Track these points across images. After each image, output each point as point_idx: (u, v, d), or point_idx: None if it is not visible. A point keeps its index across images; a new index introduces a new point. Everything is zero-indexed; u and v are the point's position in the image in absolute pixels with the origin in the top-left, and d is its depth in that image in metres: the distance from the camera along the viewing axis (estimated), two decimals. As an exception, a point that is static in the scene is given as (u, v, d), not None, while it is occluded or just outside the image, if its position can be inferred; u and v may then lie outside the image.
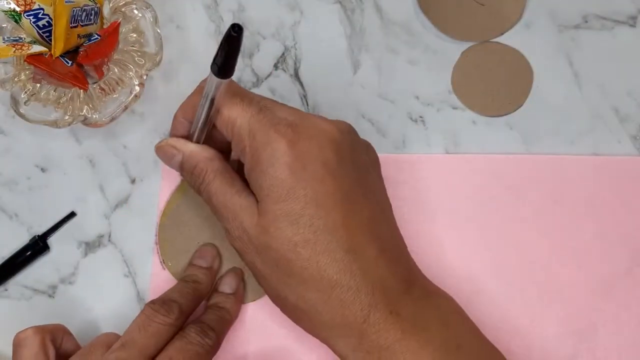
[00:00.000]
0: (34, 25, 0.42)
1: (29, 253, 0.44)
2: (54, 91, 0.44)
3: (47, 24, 0.42)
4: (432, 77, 0.46)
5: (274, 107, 0.37)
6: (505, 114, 0.45)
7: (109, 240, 0.45)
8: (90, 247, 0.45)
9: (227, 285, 0.42)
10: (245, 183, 0.37)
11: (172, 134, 0.41)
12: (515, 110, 0.45)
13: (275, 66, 0.47)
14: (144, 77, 0.44)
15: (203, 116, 0.38)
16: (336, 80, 0.46)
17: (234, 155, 0.39)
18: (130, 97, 0.44)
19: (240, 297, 0.42)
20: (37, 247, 0.45)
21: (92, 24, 0.44)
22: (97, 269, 0.45)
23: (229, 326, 0.41)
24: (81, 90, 0.43)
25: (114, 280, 0.44)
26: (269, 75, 0.47)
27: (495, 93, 0.45)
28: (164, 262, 0.44)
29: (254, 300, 0.43)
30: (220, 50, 0.33)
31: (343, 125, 0.38)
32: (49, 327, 0.39)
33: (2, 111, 0.47)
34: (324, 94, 0.46)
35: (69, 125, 0.43)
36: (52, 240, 0.45)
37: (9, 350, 0.44)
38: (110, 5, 0.45)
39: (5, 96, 0.45)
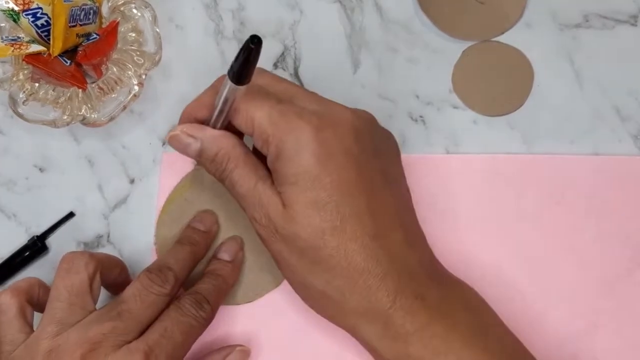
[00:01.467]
0: (32, 24, 0.42)
1: (27, 253, 0.44)
2: (53, 91, 0.43)
3: (45, 23, 0.42)
4: (432, 76, 0.46)
5: (295, 97, 0.37)
6: (506, 114, 0.45)
7: (108, 241, 0.45)
8: (89, 247, 0.45)
9: (226, 253, 0.42)
10: (268, 171, 0.37)
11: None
12: (516, 110, 0.45)
13: (275, 65, 0.47)
14: (143, 77, 0.44)
15: (217, 112, 0.37)
16: (336, 80, 0.46)
17: (255, 147, 0.38)
18: (129, 97, 0.44)
19: (238, 265, 0.42)
20: (36, 247, 0.44)
21: (90, 23, 0.43)
22: (96, 269, 0.45)
23: (225, 295, 0.41)
24: (80, 90, 0.43)
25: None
26: (268, 75, 0.47)
27: (496, 92, 0.45)
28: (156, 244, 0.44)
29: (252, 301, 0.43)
30: (237, 59, 0.33)
31: (364, 114, 0.38)
32: (23, 286, 0.38)
33: (1, 111, 0.47)
34: (324, 93, 0.46)
35: (68, 125, 0.43)
36: (50, 241, 0.45)
37: (7, 351, 0.44)
38: (109, 4, 0.44)
39: (3, 96, 0.45)
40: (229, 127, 0.38)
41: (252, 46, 0.32)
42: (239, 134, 0.39)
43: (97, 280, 0.38)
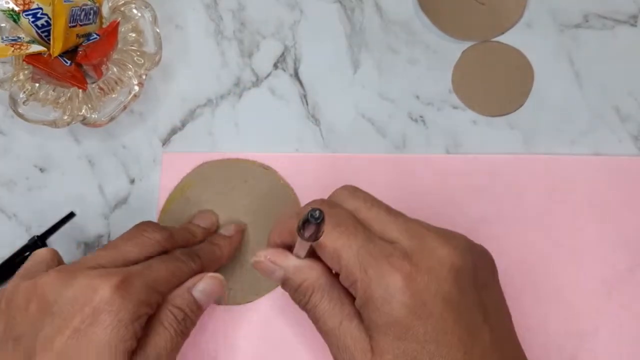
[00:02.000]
0: (32, 24, 0.42)
1: (28, 254, 0.44)
2: (53, 91, 0.43)
3: (45, 24, 0.42)
4: (432, 76, 0.46)
5: (384, 227, 0.34)
6: (506, 114, 0.45)
7: (109, 241, 0.45)
8: (89, 247, 0.45)
9: (226, 230, 0.42)
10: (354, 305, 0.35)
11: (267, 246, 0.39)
12: (515, 110, 0.45)
13: (275, 66, 0.47)
14: (143, 77, 0.44)
15: (298, 242, 0.35)
16: (336, 80, 0.46)
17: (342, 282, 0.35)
18: (130, 97, 0.44)
19: (235, 244, 0.42)
20: (37, 247, 0.44)
21: (91, 23, 0.43)
22: (96, 269, 0.45)
23: (217, 264, 0.40)
24: (80, 90, 0.43)
25: (114, 281, 0.44)
26: (268, 75, 0.47)
27: (496, 93, 0.45)
28: None
29: (252, 301, 0.43)
30: (301, 227, 0.31)
31: (461, 243, 0.35)
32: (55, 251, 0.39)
33: (1, 111, 0.47)
34: (324, 94, 0.46)
35: (68, 125, 0.43)
36: (51, 241, 0.45)
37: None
38: (109, 4, 0.44)
39: (3, 96, 0.45)
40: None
41: (312, 220, 0.30)
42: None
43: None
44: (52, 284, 0.34)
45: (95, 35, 0.43)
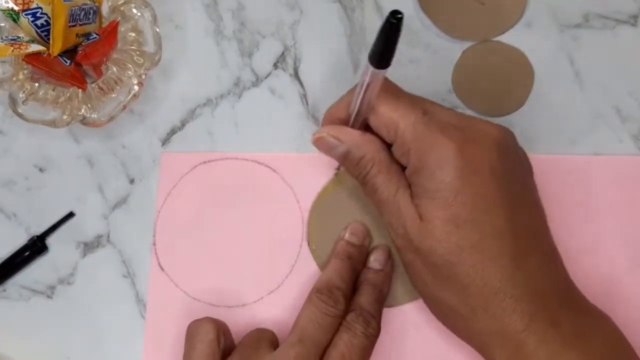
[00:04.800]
0: (32, 24, 0.42)
1: (27, 253, 0.44)
2: (53, 91, 0.43)
3: (45, 23, 0.42)
4: (432, 76, 0.46)
5: (437, 110, 0.37)
6: (506, 114, 0.45)
7: (108, 241, 0.45)
8: (89, 247, 0.45)
9: (377, 262, 0.42)
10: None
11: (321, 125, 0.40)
12: (516, 110, 0.45)
13: (275, 65, 0.47)
14: (143, 77, 0.44)
15: (356, 109, 0.37)
16: (336, 80, 0.46)
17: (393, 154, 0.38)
18: (129, 97, 0.44)
19: (389, 274, 0.42)
20: (36, 247, 0.44)
21: (90, 23, 0.43)
22: (95, 269, 0.45)
23: (383, 305, 0.41)
24: (80, 90, 0.43)
25: (113, 281, 0.44)
26: (268, 75, 0.47)
27: (496, 92, 0.45)
28: (309, 244, 0.43)
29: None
30: (378, 39, 0.31)
31: (507, 131, 0.38)
32: (217, 320, 0.39)
33: (0, 111, 0.47)
34: (324, 94, 0.46)
35: (68, 125, 0.43)
36: (50, 241, 0.45)
37: (8, 351, 0.44)
38: (109, 4, 0.44)
39: (3, 96, 0.45)
40: (365, 128, 0.38)
41: (393, 21, 0.30)
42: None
43: (222, 337, 0.38)
44: None
45: (94, 35, 0.43)
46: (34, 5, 0.41)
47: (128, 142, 0.46)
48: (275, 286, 0.43)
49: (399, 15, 0.30)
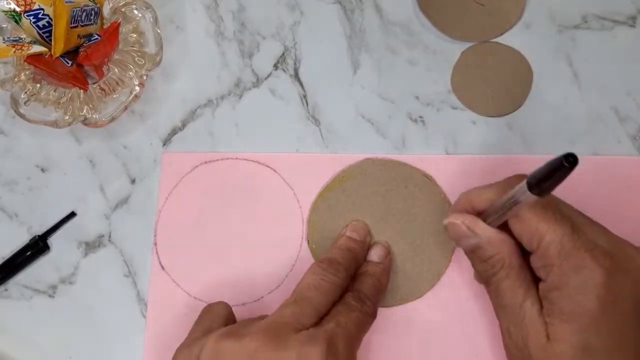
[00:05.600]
0: (34, 25, 0.42)
1: (29, 253, 0.44)
2: (54, 91, 0.44)
3: (47, 24, 0.42)
4: (431, 77, 0.46)
5: (586, 226, 0.35)
6: (505, 114, 0.45)
7: (109, 240, 0.45)
8: (90, 247, 0.45)
9: (376, 255, 0.42)
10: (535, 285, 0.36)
11: (455, 209, 0.39)
12: (515, 111, 0.45)
13: (275, 66, 0.47)
14: (144, 78, 0.44)
15: (497, 215, 0.36)
16: (336, 80, 0.46)
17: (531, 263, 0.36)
18: (130, 97, 0.44)
19: (387, 268, 0.42)
20: (37, 247, 0.45)
21: (92, 24, 0.44)
22: (97, 269, 0.45)
23: (381, 294, 0.41)
24: (81, 91, 0.43)
25: (114, 280, 0.44)
26: (268, 76, 0.47)
27: (495, 93, 0.45)
28: (309, 243, 0.44)
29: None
30: (546, 172, 0.31)
31: None
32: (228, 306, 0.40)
33: (2, 111, 0.47)
34: (324, 94, 0.46)
35: (69, 125, 0.43)
36: (52, 240, 0.45)
37: (9, 350, 0.44)
38: (110, 5, 0.45)
39: (5, 96, 0.45)
40: (501, 227, 0.37)
41: (566, 165, 0.30)
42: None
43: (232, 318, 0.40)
44: (265, 350, 0.34)
45: (96, 36, 0.43)
46: (35, 7, 0.42)
47: (129, 143, 0.46)
48: (275, 286, 0.43)
49: (573, 160, 0.30)
